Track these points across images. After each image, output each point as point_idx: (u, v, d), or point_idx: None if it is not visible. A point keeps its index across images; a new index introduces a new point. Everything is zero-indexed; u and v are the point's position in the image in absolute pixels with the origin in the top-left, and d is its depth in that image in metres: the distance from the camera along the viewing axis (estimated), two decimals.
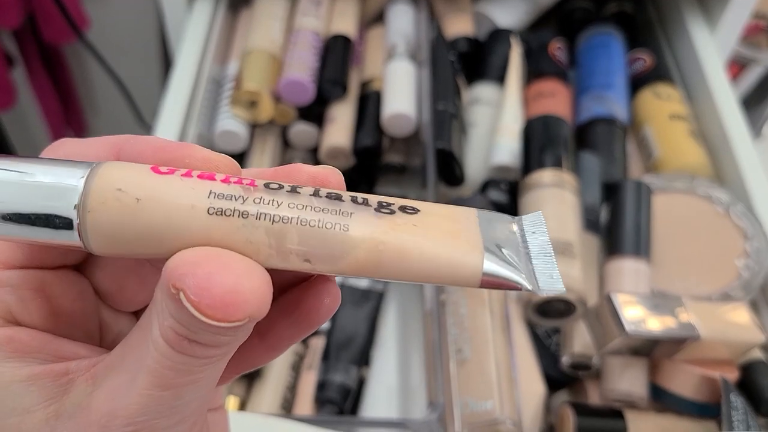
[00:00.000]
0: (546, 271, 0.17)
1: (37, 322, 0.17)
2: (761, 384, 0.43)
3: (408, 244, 0.16)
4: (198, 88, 0.55)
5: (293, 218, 0.15)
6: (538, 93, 0.58)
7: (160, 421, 0.16)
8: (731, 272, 0.48)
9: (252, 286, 0.14)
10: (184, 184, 0.15)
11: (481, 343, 0.40)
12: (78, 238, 0.15)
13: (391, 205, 0.16)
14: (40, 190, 0.15)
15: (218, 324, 0.14)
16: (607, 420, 0.43)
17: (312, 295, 0.18)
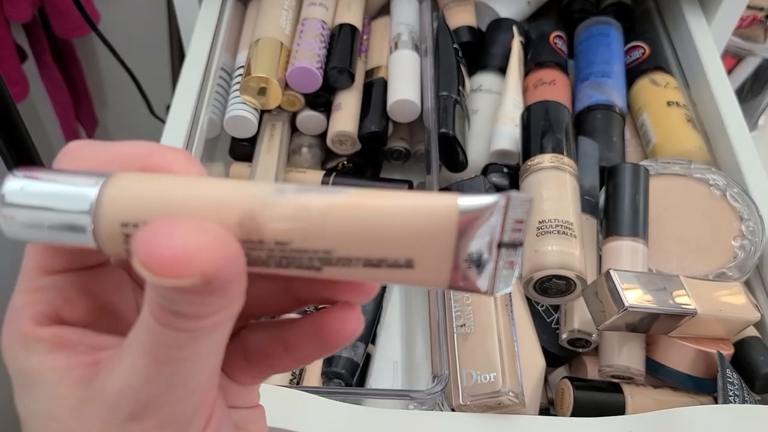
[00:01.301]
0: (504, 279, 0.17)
1: (81, 317, 0.19)
2: (756, 360, 0.45)
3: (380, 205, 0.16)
4: (209, 76, 0.57)
5: None
6: (538, 81, 0.60)
7: (163, 398, 0.17)
8: (727, 252, 0.49)
9: (201, 241, 0.14)
10: None
11: (484, 318, 0.42)
12: (93, 242, 0.17)
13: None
14: (58, 200, 0.17)
15: (172, 283, 0.14)
16: (605, 394, 0.44)
17: (337, 318, 0.19)
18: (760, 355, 0.45)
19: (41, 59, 0.94)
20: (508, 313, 0.43)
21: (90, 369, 0.18)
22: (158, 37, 0.97)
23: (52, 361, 0.18)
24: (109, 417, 0.17)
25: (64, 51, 0.96)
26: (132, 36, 0.97)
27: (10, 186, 0.17)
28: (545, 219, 0.46)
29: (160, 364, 0.16)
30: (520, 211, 0.16)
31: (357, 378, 0.47)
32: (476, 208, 0.16)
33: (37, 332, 0.18)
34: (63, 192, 0.17)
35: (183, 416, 0.17)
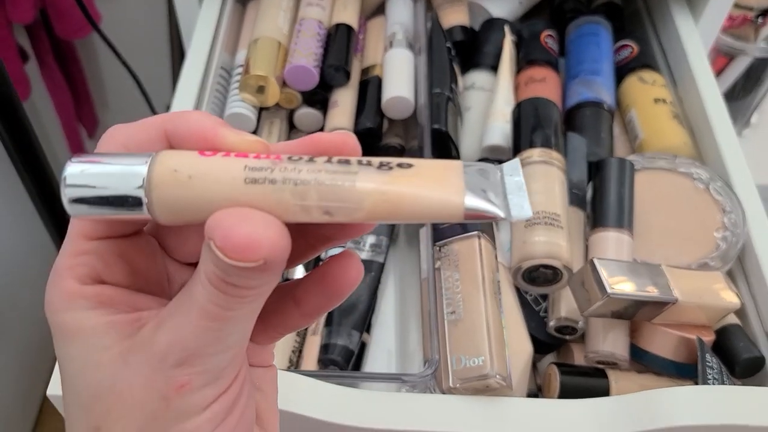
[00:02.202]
0: (518, 203, 0.20)
1: (119, 279, 0.22)
2: (736, 347, 0.47)
3: (405, 191, 0.19)
4: (208, 75, 0.58)
5: (311, 180, 0.19)
6: (529, 79, 0.62)
7: (208, 348, 0.20)
8: (710, 243, 0.51)
9: (266, 234, 0.18)
10: (225, 162, 0.19)
11: (473, 304, 0.43)
12: (147, 213, 0.19)
13: (390, 163, 0.20)
14: (115, 178, 0.19)
15: (239, 264, 0.17)
16: (590, 379, 0.46)
17: (340, 267, 0.22)
18: (740, 341, 0.46)
19: (43, 60, 0.96)
20: (497, 301, 0.45)
21: (133, 325, 0.21)
22: (159, 38, 0.98)
23: (97, 316, 0.21)
24: (157, 364, 0.20)
25: (65, 52, 0.98)
26: (133, 36, 0.98)
27: (70, 170, 0.20)
28: (534, 211, 0.48)
29: (211, 320, 0.19)
30: None
31: (353, 365, 0.48)
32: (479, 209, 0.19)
33: (81, 290, 0.21)
34: (117, 172, 0.19)
35: (220, 366, 0.20)
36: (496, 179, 0.20)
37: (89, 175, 0.19)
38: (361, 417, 0.40)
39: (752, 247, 0.50)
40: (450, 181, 0.20)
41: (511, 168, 0.21)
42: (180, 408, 0.20)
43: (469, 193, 0.19)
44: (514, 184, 0.20)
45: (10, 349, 1.04)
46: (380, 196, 0.19)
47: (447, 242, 0.47)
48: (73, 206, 0.20)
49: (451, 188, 0.19)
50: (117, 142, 0.21)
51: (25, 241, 1.08)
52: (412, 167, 0.20)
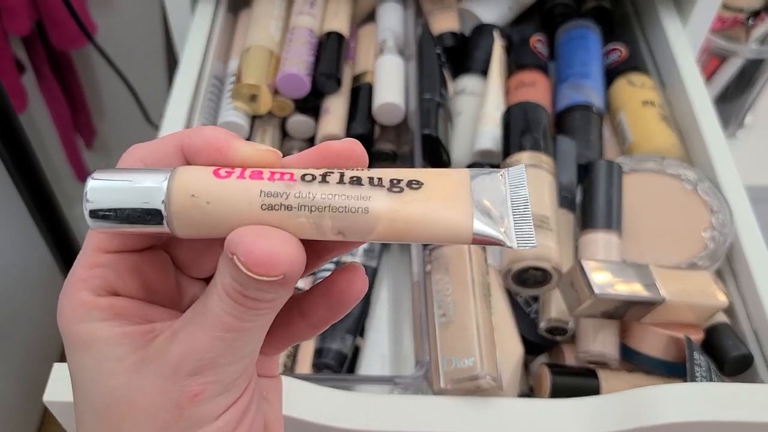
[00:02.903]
0: (525, 232, 0.20)
1: (133, 292, 0.22)
2: (725, 345, 0.47)
3: (414, 217, 0.20)
4: (201, 84, 0.59)
5: (325, 206, 0.20)
6: (519, 83, 0.62)
7: (222, 359, 0.21)
8: (698, 243, 0.51)
9: (285, 250, 0.19)
10: (241, 187, 0.20)
11: (463, 306, 0.44)
12: (167, 227, 0.20)
13: (401, 182, 0.20)
14: (135, 194, 0.20)
15: (261, 278, 0.19)
16: (581, 379, 0.46)
17: (346, 280, 0.23)
18: (728, 339, 0.47)
19: (40, 71, 0.97)
20: (487, 303, 0.45)
21: (146, 336, 0.21)
22: (154, 47, 0.99)
23: (111, 327, 0.21)
24: (171, 373, 0.20)
25: (62, 63, 0.99)
26: (128, 46, 0.99)
27: (92, 184, 0.21)
28: None
29: (227, 331, 0.20)
30: None
31: (347, 369, 0.49)
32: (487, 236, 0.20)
33: (95, 301, 0.21)
34: (138, 187, 0.20)
35: (232, 376, 0.21)
36: (502, 195, 0.21)
37: (110, 190, 0.20)
38: (354, 419, 0.40)
39: (740, 247, 0.50)
40: (459, 203, 0.20)
41: (515, 177, 0.21)
42: (192, 417, 0.21)
43: (477, 218, 0.20)
44: (521, 202, 0.21)
45: (11, 359, 1.05)
46: (391, 223, 0.20)
47: (437, 246, 0.48)
48: (94, 220, 0.21)
49: (459, 211, 0.20)
50: (135, 158, 0.22)
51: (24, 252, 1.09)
52: (422, 187, 0.20)
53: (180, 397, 0.20)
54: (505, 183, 0.21)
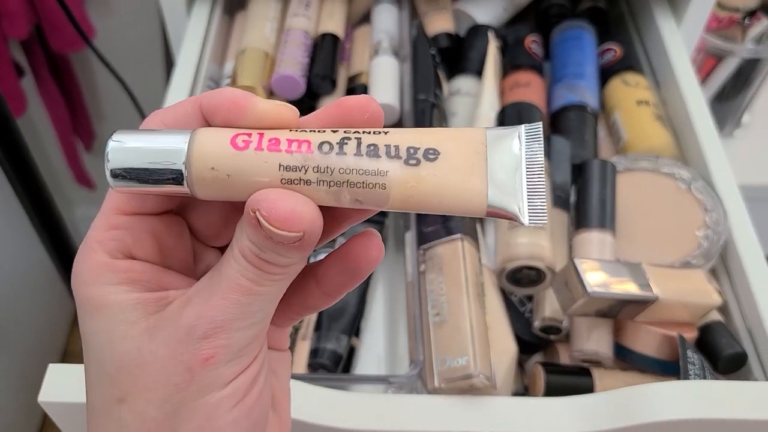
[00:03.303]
0: (537, 207, 0.20)
1: (149, 256, 0.22)
2: (719, 343, 0.47)
3: (430, 191, 0.20)
4: (197, 86, 0.59)
5: (344, 182, 0.20)
6: (514, 83, 0.63)
7: (235, 323, 0.21)
8: (692, 242, 0.51)
9: (305, 210, 0.20)
10: (260, 160, 0.20)
11: (456, 306, 0.44)
12: (187, 188, 0.21)
13: (417, 152, 0.20)
14: (156, 154, 0.20)
15: (281, 232, 0.19)
16: (575, 377, 0.46)
17: (362, 245, 0.23)
18: (722, 337, 0.47)
19: (39, 75, 0.97)
20: (481, 302, 0.45)
21: (159, 302, 0.22)
22: (152, 50, 0.99)
23: (124, 292, 0.22)
24: (184, 336, 0.21)
25: (60, 66, 0.99)
26: (127, 49, 0.99)
27: (113, 145, 0.21)
28: None
29: (242, 294, 0.21)
30: None
31: (342, 369, 0.49)
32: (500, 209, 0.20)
33: (111, 263, 0.22)
34: (158, 148, 0.20)
35: (244, 342, 0.21)
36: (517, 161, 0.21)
37: (131, 150, 0.20)
38: (349, 419, 0.41)
39: (734, 245, 0.50)
40: (475, 176, 0.20)
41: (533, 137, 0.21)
42: (203, 381, 0.21)
43: (492, 194, 0.20)
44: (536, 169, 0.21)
45: (10, 361, 1.05)
46: (407, 198, 0.20)
47: (431, 246, 0.48)
48: (115, 180, 0.21)
49: (475, 185, 0.20)
50: (156, 121, 0.22)
51: (23, 254, 1.09)
52: (438, 158, 0.20)
53: (191, 360, 0.21)
54: (522, 147, 0.21)
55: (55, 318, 1.25)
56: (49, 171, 1.18)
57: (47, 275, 1.11)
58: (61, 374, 0.40)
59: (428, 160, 0.20)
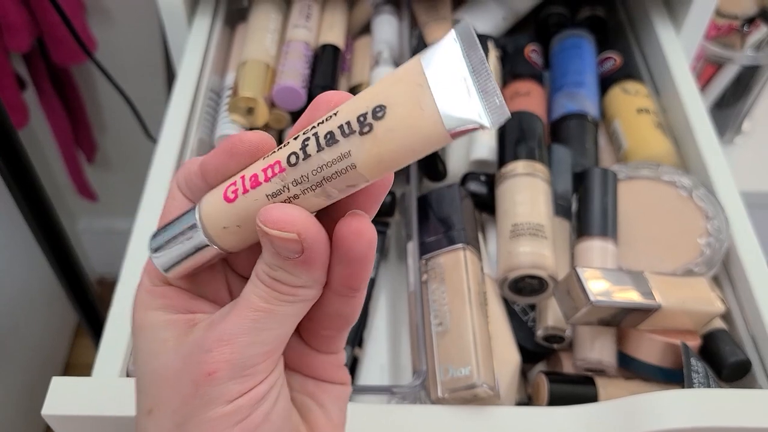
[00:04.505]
0: (493, 104, 0.19)
1: (183, 284, 0.26)
2: (722, 351, 0.47)
3: (394, 149, 0.20)
4: (198, 97, 0.60)
5: (322, 180, 0.21)
6: (514, 93, 0.63)
7: (240, 338, 0.22)
8: (694, 250, 0.51)
9: (295, 212, 0.21)
10: (251, 200, 0.22)
11: (459, 316, 0.44)
12: (219, 250, 0.24)
13: (366, 117, 0.20)
14: (184, 243, 0.24)
15: (277, 233, 0.21)
16: (578, 386, 0.46)
17: (344, 225, 0.23)
18: (726, 345, 0.47)
19: (41, 87, 0.97)
20: (483, 311, 0.45)
21: (188, 323, 0.24)
22: (153, 62, 1.00)
23: (160, 314, 0.25)
24: (195, 349, 0.23)
25: (62, 79, 1.00)
26: (128, 61, 1.00)
27: (151, 243, 0.25)
28: (518, 222, 0.49)
29: (252, 311, 0.22)
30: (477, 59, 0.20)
31: None
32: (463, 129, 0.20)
33: (152, 290, 0.25)
34: (179, 232, 0.24)
35: (249, 359, 0.22)
36: (461, 71, 0.20)
37: (163, 242, 0.25)
38: (353, 429, 0.40)
39: (736, 252, 0.50)
40: (424, 108, 0.20)
41: (466, 39, 0.20)
42: (206, 396, 0.22)
43: (445, 113, 0.19)
44: (480, 69, 0.20)
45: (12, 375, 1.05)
46: (378, 164, 0.21)
47: (433, 255, 0.48)
48: (169, 272, 0.25)
49: (427, 117, 0.20)
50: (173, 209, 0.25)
51: (25, 267, 1.09)
52: (386, 112, 0.20)
53: (197, 373, 0.22)
54: (459, 54, 0.20)
55: (57, 330, 1.25)
56: (52, 183, 1.19)
57: (49, 288, 1.11)
58: (64, 387, 0.40)
59: (379, 119, 0.20)
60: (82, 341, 1.30)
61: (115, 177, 1.23)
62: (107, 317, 0.45)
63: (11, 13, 0.83)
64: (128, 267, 0.48)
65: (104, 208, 1.25)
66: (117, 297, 0.46)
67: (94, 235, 1.32)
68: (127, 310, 0.45)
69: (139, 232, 0.50)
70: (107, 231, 1.30)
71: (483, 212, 0.56)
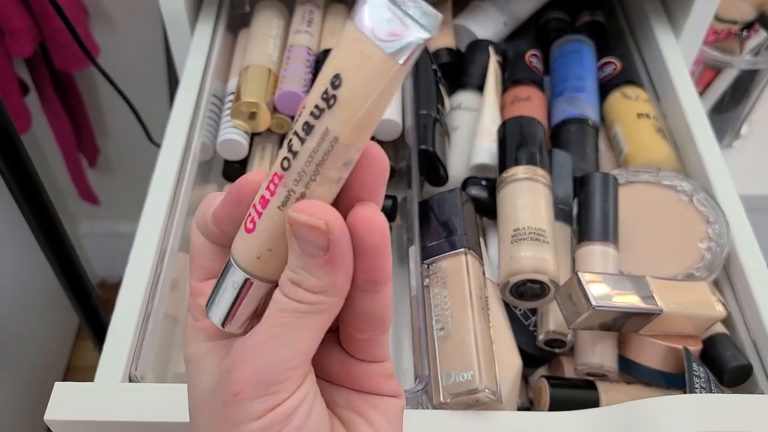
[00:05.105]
0: (422, 15, 0.20)
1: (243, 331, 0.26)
2: (723, 355, 0.47)
3: (362, 107, 0.21)
4: (201, 102, 0.60)
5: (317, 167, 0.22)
6: (514, 98, 0.63)
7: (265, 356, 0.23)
8: (695, 254, 0.52)
9: (321, 204, 0.22)
10: (269, 221, 0.23)
11: (461, 320, 0.44)
12: (262, 282, 0.24)
13: (327, 92, 0.21)
14: (228, 287, 0.25)
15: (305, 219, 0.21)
16: (580, 391, 0.46)
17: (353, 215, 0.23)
18: (727, 350, 0.47)
19: (43, 92, 0.98)
20: (485, 316, 0.45)
21: (227, 348, 0.25)
22: (156, 67, 1.00)
23: (203, 344, 0.26)
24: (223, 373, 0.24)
25: (65, 83, 1.00)
26: (131, 66, 1.00)
27: (205, 308, 0.26)
28: (519, 227, 0.49)
29: (273, 327, 0.23)
30: None
31: None
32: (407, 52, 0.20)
33: (194, 324, 0.26)
34: (221, 282, 0.25)
35: (270, 378, 0.22)
36: (384, 5, 0.20)
37: (217, 306, 0.26)
38: None
39: (737, 257, 0.51)
40: (369, 55, 0.20)
41: None
42: (235, 416, 0.23)
43: (384, 44, 0.20)
44: None
45: (14, 378, 1.05)
46: (356, 130, 0.21)
47: (435, 260, 0.48)
48: (226, 323, 0.26)
49: (375, 61, 0.20)
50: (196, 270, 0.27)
51: (27, 270, 1.09)
52: (342, 78, 0.21)
53: (225, 395, 0.23)
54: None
55: (58, 334, 1.25)
56: (54, 187, 1.19)
57: (51, 291, 1.11)
58: (66, 392, 0.41)
59: (338, 87, 0.21)
60: (83, 344, 1.31)
61: (116, 181, 1.23)
62: (109, 322, 0.45)
63: (14, 18, 0.83)
64: (130, 270, 0.48)
65: (106, 211, 1.25)
66: (119, 301, 0.46)
67: (95, 239, 1.32)
68: (129, 314, 0.46)
69: (142, 236, 0.50)
70: (109, 234, 1.30)
71: (484, 217, 0.56)
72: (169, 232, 0.49)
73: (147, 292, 0.47)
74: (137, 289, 0.47)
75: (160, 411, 0.40)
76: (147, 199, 0.52)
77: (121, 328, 0.45)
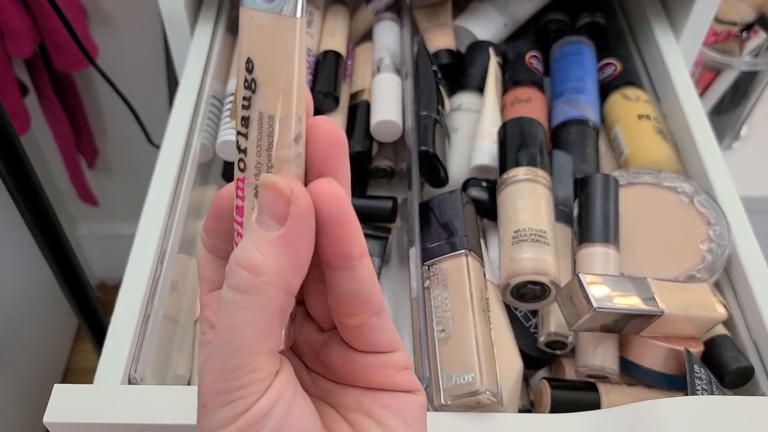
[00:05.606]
0: None
1: None
2: (725, 357, 0.47)
3: (277, 73, 0.22)
4: (201, 104, 0.60)
5: (270, 152, 0.22)
6: (515, 99, 0.63)
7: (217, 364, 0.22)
8: (696, 256, 0.51)
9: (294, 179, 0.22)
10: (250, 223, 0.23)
11: (462, 322, 0.44)
12: None
13: (248, 78, 0.22)
14: None
15: (276, 181, 0.21)
16: (581, 393, 0.46)
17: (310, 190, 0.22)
18: (728, 351, 0.47)
19: (42, 93, 0.98)
20: (486, 318, 0.45)
21: None
22: (155, 68, 1.00)
23: None
24: None
25: (64, 84, 1.00)
26: (130, 67, 1.00)
27: None
28: (520, 228, 0.49)
29: (221, 328, 0.22)
30: None
31: None
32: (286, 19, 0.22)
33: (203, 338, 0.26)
34: None
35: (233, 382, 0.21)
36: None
37: None
38: None
39: (738, 258, 0.50)
40: (267, 23, 0.22)
41: None
42: (208, 425, 0.22)
43: (284, 8, 0.21)
44: None
45: (13, 380, 1.05)
46: (283, 94, 0.22)
47: (435, 261, 0.48)
48: None
49: (276, 25, 0.21)
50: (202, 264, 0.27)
51: (26, 272, 1.09)
52: (253, 60, 0.22)
53: (197, 407, 0.23)
54: None
55: (57, 335, 1.24)
56: (53, 188, 1.19)
57: (50, 293, 1.11)
58: (66, 394, 0.40)
59: (252, 70, 0.22)
60: (82, 346, 1.30)
61: (115, 182, 1.23)
62: (109, 324, 0.45)
63: (13, 19, 0.83)
64: (130, 272, 0.48)
65: (105, 213, 1.25)
66: (119, 302, 0.46)
67: (94, 240, 1.32)
68: (129, 315, 0.45)
69: (141, 237, 0.50)
70: (108, 236, 1.30)
71: (484, 218, 0.56)
72: (169, 234, 0.49)
73: (146, 293, 0.46)
74: (137, 290, 0.47)
75: (159, 413, 0.40)
76: (146, 200, 0.52)
77: (120, 330, 0.45)
